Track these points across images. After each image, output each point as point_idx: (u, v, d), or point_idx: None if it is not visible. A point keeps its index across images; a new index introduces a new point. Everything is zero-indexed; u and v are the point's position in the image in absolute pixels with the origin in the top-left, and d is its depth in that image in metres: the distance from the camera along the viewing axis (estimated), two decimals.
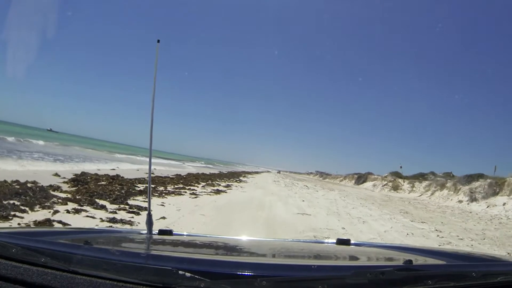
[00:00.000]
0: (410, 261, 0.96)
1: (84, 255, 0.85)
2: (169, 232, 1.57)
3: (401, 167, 38.82)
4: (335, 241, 1.63)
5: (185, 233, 1.77)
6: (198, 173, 25.23)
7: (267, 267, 0.93)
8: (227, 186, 16.69)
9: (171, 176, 16.41)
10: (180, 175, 18.62)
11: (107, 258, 0.84)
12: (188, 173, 21.94)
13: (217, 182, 18.05)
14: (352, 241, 1.62)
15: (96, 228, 3.79)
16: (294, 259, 1.39)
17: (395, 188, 32.37)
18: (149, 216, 1.61)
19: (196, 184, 14.67)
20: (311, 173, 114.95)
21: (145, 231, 1.58)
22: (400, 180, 34.37)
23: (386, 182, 35.73)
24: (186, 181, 15.01)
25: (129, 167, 20.30)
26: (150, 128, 1.73)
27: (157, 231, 1.57)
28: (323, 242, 1.83)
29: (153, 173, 15.78)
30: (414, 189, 29.82)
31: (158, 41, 1.81)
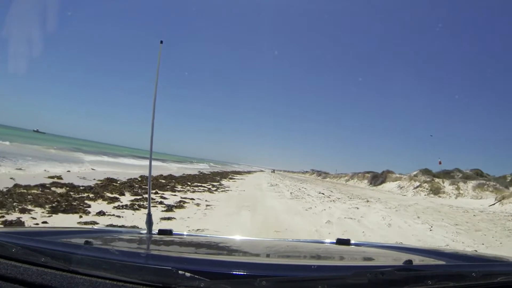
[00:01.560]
0: (410, 261, 0.96)
1: (84, 255, 0.85)
2: (169, 232, 1.57)
3: (440, 162, 30.06)
4: (335, 241, 1.63)
5: (185, 233, 1.77)
6: (161, 175, 16.74)
7: (267, 267, 0.93)
8: (177, 206, 8.18)
9: (93, 185, 10.00)
10: (112, 179, 11.82)
11: (107, 258, 0.84)
12: (141, 176, 14.28)
13: (165, 195, 10.08)
14: (352, 241, 1.62)
15: (96, 228, 3.79)
16: (294, 259, 1.38)
17: (436, 191, 23.76)
18: (149, 216, 1.62)
19: (100, 201, 7.73)
20: (306, 171, 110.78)
21: (145, 231, 1.58)
22: (437, 180, 25.65)
23: (419, 183, 26.81)
24: (96, 194, 8.26)
25: (37, 170, 13.11)
26: (151, 128, 1.73)
27: (157, 231, 1.58)
28: (323, 242, 1.83)
29: (59, 178, 10.65)
30: (460, 191, 22.41)
31: (161, 42, 1.81)
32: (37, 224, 5.50)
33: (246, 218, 7.64)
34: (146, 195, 8.58)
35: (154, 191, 10.45)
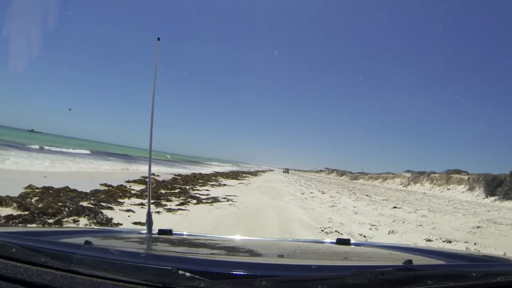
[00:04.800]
0: (410, 261, 0.96)
1: (84, 255, 0.85)
2: (169, 232, 1.58)
3: None
4: (335, 241, 1.63)
5: (185, 233, 1.77)
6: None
7: (267, 267, 0.92)
8: None
9: None
10: None
11: (107, 258, 0.84)
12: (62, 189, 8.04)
13: None
14: (352, 241, 1.62)
15: (96, 228, 3.80)
16: (293, 259, 1.38)
17: None
18: (149, 215, 1.62)
19: None
20: (321, 170, 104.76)
21: (145, 231, 1.58)
22: None
23: None
24: None
25: None
26: (150, 128, 1.73)
27: (157, 231, 1.58)
28: (323, 242, 1.83)
29: None
30: None
31: (158, 39, 1.81)
32: None
33: None
34: None
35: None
